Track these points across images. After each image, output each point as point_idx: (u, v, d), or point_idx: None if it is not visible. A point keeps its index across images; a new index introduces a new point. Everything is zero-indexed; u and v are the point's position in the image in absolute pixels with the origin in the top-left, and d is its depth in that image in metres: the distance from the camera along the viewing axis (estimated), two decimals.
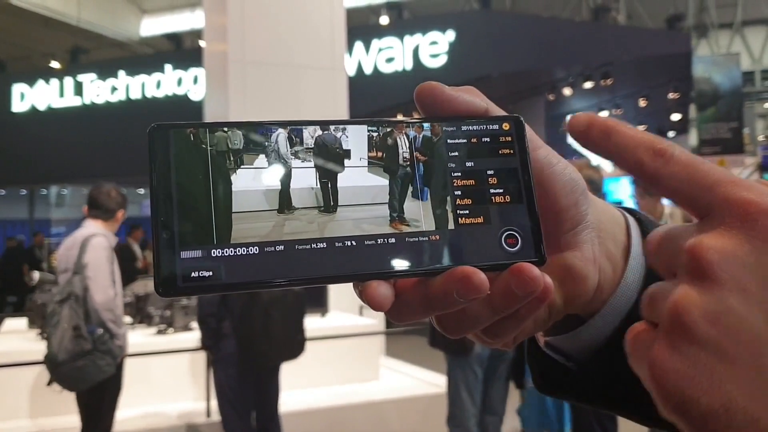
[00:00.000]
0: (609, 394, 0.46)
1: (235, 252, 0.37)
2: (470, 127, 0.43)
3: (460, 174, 0.42)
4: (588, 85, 13.69)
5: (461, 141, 0.43)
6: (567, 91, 14.14)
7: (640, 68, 14.21)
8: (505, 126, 0.43)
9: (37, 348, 4.41)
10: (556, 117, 16.64)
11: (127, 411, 4.19)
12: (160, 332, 4.89)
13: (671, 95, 15.42)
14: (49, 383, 3.47)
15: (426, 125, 0.43)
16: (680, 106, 17.26)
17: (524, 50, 12.88)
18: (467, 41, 12.78)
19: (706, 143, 15.47)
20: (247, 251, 0.38)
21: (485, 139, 0.43)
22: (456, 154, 0.42)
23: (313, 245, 0.39)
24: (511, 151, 0.43)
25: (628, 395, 0.44)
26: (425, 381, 5.06)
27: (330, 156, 0.41)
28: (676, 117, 18.29)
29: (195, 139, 0.39)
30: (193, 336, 4.64)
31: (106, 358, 3.44)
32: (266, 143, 0.40)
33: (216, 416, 4.10)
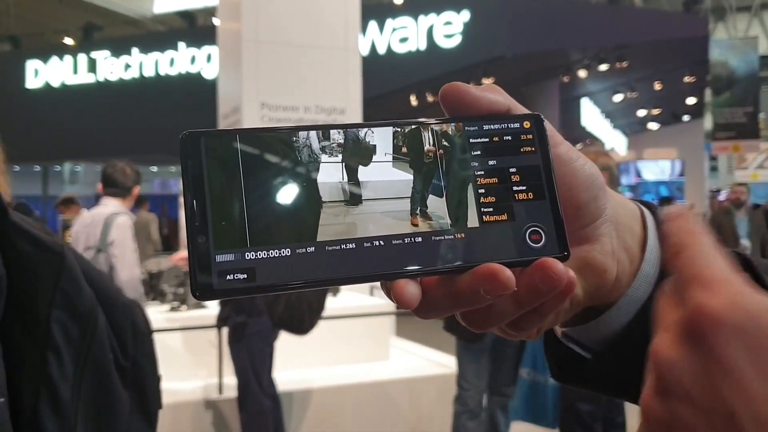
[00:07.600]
0: (623, 383, 0.47)
1: (267, 254, 0.38)
2: (492, 126, 0.44)
3: (483, 172, 0.43)
4: (603, 67, 13.57)
5: (484, 140, 0.43)
6: (582, 74, 14.03)
7: (655, 51, 14.04)
8: (526, 124, 0.44)
9: None
10: (570, 99, 16.51)
11: None
12: (173, 309, 4.93)
13: (687, 79, 15.27)
14: None
15: (449, 125, 0.44)
16: (696, 89, 17.08)
17: (539, 31, 12.75)
18: (482, 21, 12.66)
19: (721, 128, 15.32)
20: (280, 253, 0.39)
21: (507, 138, 0.44)
22: (479, 152, 0.43)
23: (343, 246, 0.40)
24: (533, 149, 0.44)
25: (641, 384, 0.46)
26: (435, 361, 5.09)
27: (356, 153, 0.42)
28: (691, 101, 18.12)
29: (225, 145, 0.40)
30: (206, 313, 4.68)
31: None
32: (294, 144, 0.41)
33: (228, 392, 4.15)
